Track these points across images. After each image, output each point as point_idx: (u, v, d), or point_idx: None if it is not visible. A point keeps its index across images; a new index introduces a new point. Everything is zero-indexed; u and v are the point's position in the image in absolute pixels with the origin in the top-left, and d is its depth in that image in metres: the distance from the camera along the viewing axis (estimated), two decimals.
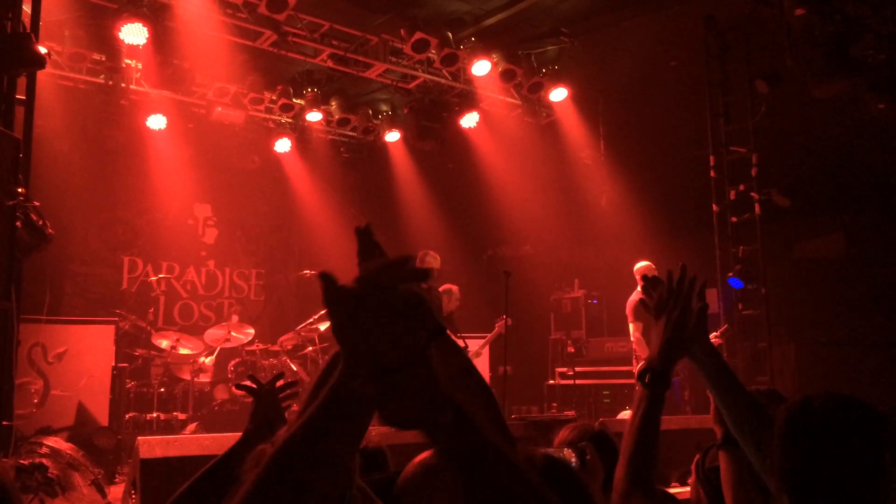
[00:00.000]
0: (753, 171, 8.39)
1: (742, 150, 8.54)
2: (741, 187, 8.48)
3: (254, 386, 2.17)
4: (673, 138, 9.30)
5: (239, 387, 2.16)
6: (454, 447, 0.98)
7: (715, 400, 1.98)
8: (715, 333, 8.00)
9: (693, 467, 2.58)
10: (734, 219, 8.57)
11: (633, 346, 7.82)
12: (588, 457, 2.46)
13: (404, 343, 0.90)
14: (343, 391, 0.92)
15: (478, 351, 8.16)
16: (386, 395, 0.91)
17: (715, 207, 8.68)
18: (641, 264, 7.92)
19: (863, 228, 8.55)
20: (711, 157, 8.73)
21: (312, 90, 10.19)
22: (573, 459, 2.38)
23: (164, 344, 8.49)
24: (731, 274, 8.43)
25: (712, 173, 8.71)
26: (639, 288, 7.95)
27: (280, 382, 2.21)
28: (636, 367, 7.85)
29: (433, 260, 7.88)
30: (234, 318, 9.81)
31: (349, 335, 0.91)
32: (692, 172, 8.99)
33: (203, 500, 1.81)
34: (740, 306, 8.53)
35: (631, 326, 7.78)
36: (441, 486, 1.33)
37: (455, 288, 7.99)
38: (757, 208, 8.35)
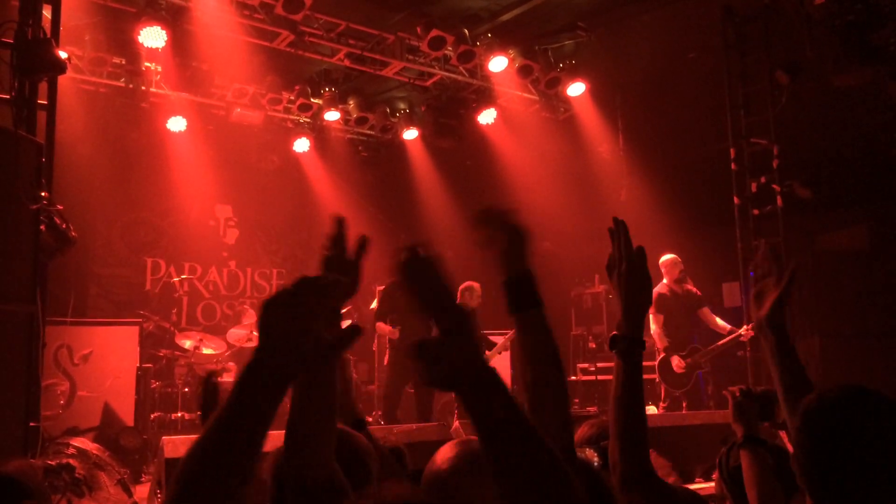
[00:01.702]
0: (775, 163, 8.30)
1: (763, 141, 8.45)
2: (762, 179, 8.39)
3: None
4: (692, 131, 9.22)
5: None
6: (485, 418, 1.05)
7: (775, 379, 1.94)
8: (746, 327, 7.95)
9: (717, 462, 2.57)
10: (756, 211, 8.48)
11: (653, 338, 7.76)
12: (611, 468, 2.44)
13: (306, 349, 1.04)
14: (256, 373, 1.03)
15: (500, 348, 8.14)
16: (430, 358, 1.05)
17: (736, 200, 8.59)
18: (667, 257, 7.86)
19: (886, 220, 8.43)
20: (732, 150, 8.64)
21: (330, 89, 10.23)
22: (595, 459, 2.37)
23: (187, 344, 8.57)
24: (753, 267, 8.36)
25: (733, 166, 8.63)
26: (664, 280, 7.92)
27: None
28: (657, 361, 7.81)
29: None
30: (250, 311, 9.89)
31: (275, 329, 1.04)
32: (712, 165, 8.91)
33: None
34: None
35: (651, 318, 7.72)
36: (478, 481, 1.35)
37: (476, 285, 7.98)
38: (779, 200, 8.26)
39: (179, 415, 8.15)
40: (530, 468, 1.04)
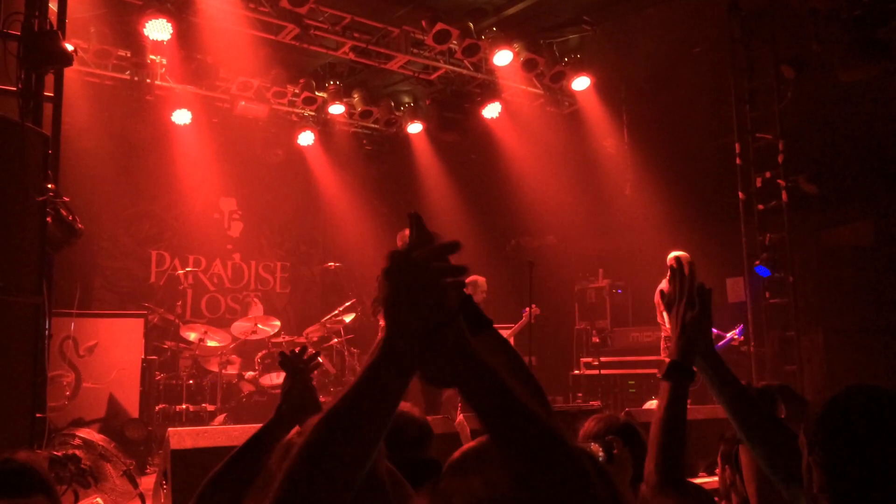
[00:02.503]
0: (780, 158, 8.28)
1: (768, 136, 8.43)
2: (767, 174, 8.37)
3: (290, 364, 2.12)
4: (697, 125, 9.20)
5: (283, 362, 2.11)
6: (485, 406, 1.08)
7: (721, 404, 1.96)
8: (734, 332, 7.95)
9: (719, 458, 2.57)
10: (761, 206, 8.47)
11: (665, 333, 7.75)
12: (615, 451, 2.45)
13: (438, 308, 1.06)
14: (389, 351, 1.06)
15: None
16: (425, 355, 1.06)
17: (741, 195, 8.58)
18: (672, 254, 7.86)
19: (891, 215, 8.41)
20: (737, 144, 8.62)
21: (335, 83, 10.23)
22: (600, 454, 2.38)
23: (192, 336, 8.60)
24: (757, 262, 8.35)
25: (738, 160, 8.61)
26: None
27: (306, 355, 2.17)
28: (665, 354, 7.81)
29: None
30: (257, 303, 9.92)
31: (397, 301, 1.07)
32: (717, 160, 8.89)
33: (234, 485, 1.83)
34: (767, 295, 8.44)
35: (665, 315, 7.72)
36: (487, 461, 1.35)
37: (481, 279, 7.98)
38: (784, 195, 8.24)
39: (184, 406, 8.19)
40: (538, 451, 1.06)
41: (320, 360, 2.28)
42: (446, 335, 1.07)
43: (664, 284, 7.52)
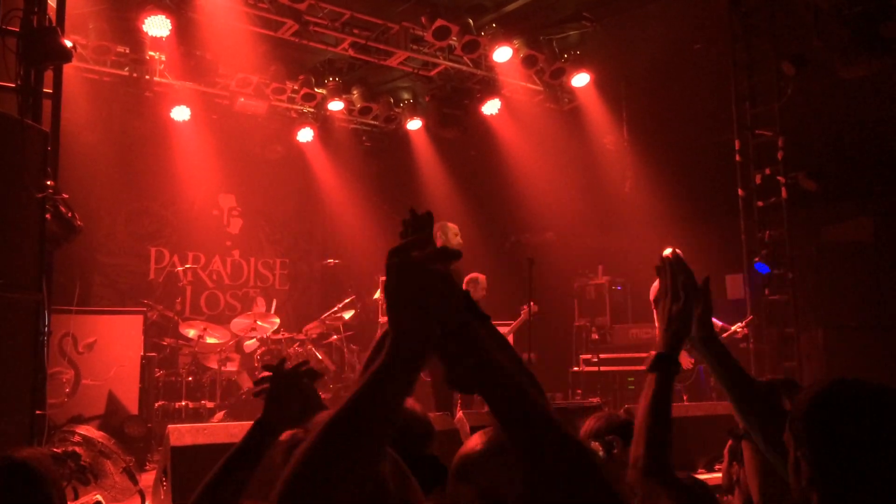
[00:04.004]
0: (780, 155, 8.27)
1: (768, 133, 8.42)
2: (767, 171, 8.37)
3: (268, 374, 2.05)
4: (697, 122, 9.19)
5: (257, 382, 2.05)
6: (507, 411, 1.10)
7: (725, 391, 1.99)
8: (740, 324, 7.94)
9: (726, 452, 2.57)
10: (760, 203, 8.46)
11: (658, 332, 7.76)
12: (615, 450, 2.45)
13: (445, 312, 1.08)
14: (395, 354, 1.06)
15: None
16: (451, 360, 1.10)
17: (741, 192, 8.57)
18: (667, 251, 7.85)
19: (891, 212, 8.40)
20: (737, 141, 8.62)
21: (334, 79, 10.21)
22: (600, 452, 2.38)
23: (191, 333, 8.60)
24: (757, 259, 8.34)
25: (738, 157, 8.60)
26: None
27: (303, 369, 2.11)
28: None
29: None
30: (260, 300, 9.91)
31: (401, 303, 1.08)
32: (717, 156, 8.89)
33: (229, 490, 1.82)
34: (767, 291, 8.44)
35: (656, 312, 7.71)
36: (507, 462, 1.36)
37: (482, 277, 7.97)
38: (783, 192, 8.24)
39: (183, 403, 8.18)
40: (555, 457, 1.08)
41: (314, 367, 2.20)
42: (466, 341, 1.10)
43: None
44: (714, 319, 6.81)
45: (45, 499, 2.06)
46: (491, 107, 10.28)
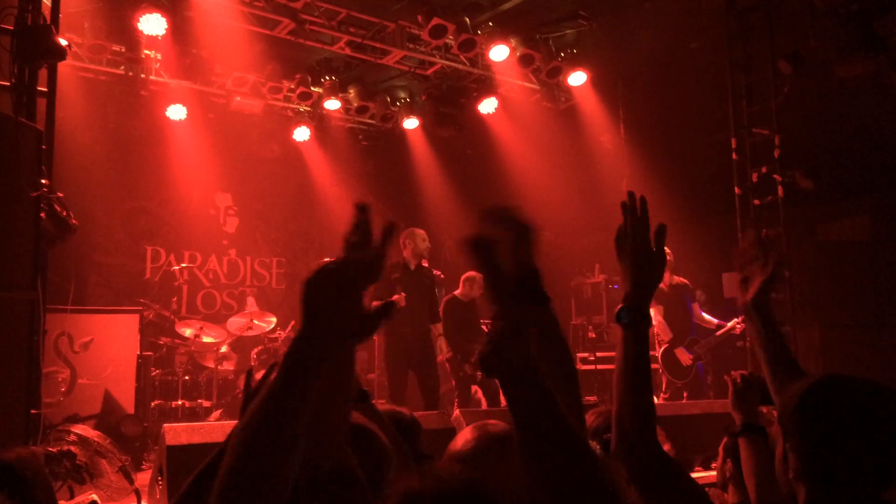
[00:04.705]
0: (776, 153, 8.27)
1: (765, 131, 8.42)
2: (764, 169, 8.36)
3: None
4: (694, 121, 9.19)
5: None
6: (524, 409, 1.12)
7: (762, 360, 2.00)
8: (737, 320, 7.94)
9: (721, 449, 2.57)
10: (757, 202, 8.46)
11: (656, 329, 7.78)
12: (613, 437, 2.44)
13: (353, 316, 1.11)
14: (302, 350, 1.10)
15: None
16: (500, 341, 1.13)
17: (737, 190, 8.57)
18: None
19: (888, 210, 8.42)
20: (733, 140, 8.61)
21: (330, 78, 10.19)
22: (597, 451, 2.37)
23: (187, 332, 8.58)
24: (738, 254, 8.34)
25: (734, 156, 8.60)
26: None
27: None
28: (660, 352, 7.82)
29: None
30: (251, 300, 9.89)
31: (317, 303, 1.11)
32: (714, 155, 8.89)
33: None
34: None
35: (652, 311, 7.72)
36: (501, 459, 1.35)
37: (479, 276, 7.96)
38: (780, 191, 8.23)
39: (180, 403, 8.17)
40: (565, 461, 1.10)
41: None
42: (515, 340, 1.13)
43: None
44: (710, 317, 6.84)
45: (31, 501, 2.05)
46: (487, 105, 10.27)
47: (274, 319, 9.03)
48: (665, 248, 1.79)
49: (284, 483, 1.05)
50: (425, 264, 7.68)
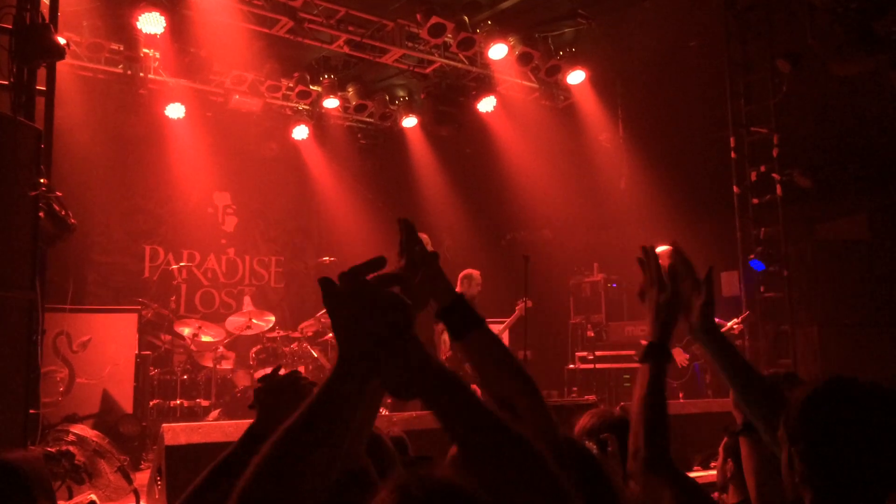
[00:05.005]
0: (775, 152, 8.28)
1: (763, 130, 8.43)
2: (762, 168, 8.38)
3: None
4: (693, 119, 9.20)
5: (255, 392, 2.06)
6: (448, 416, 1.13)
7: (727, 382, 2.01)
8: (736, 320, 7.95)
9: (721, 449, 2.57)
10: (755, 200, 8.48)
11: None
12: (610, 448, 2.44)
13: (388, 324, 1.11)
14: (341, 375, 1.11)
15: (498, 335, 8.14)
16: (385, 367, 1.11)
17: (736, 189, 8.58)
18: (661, 248, 7.85)
19: (886, 208, 8.43)
20: (732, 138, 8.63)
21: (329, 77, 10.18)
22: (594, 451, 2.37)
23: (186, 332, 8.57)
24: (752, 256, 8.35)
25: (733, 154, 8.61)
26: None
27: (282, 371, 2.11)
28: None
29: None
30: (247, 299, 9.88)
31: (345, 324, 1.13)
32: (712, 153, 8.90)
33: (214, 497, 1.80)
34: (762, 288, 8.46)
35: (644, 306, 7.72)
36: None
37: (475, 273, 7.98)
38: (778, 189, 8.25)
39: (178, 402, 8.16)
40: (501, 456, 1.10)
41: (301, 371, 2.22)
42: (403, 348, 1.11)
43: None
44: None
45: (30, 501, 2.05)
46: (486, 104, 10.27)
47: (272, 318, 9.02)
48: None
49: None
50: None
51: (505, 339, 8.66)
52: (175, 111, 9.75)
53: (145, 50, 8.79)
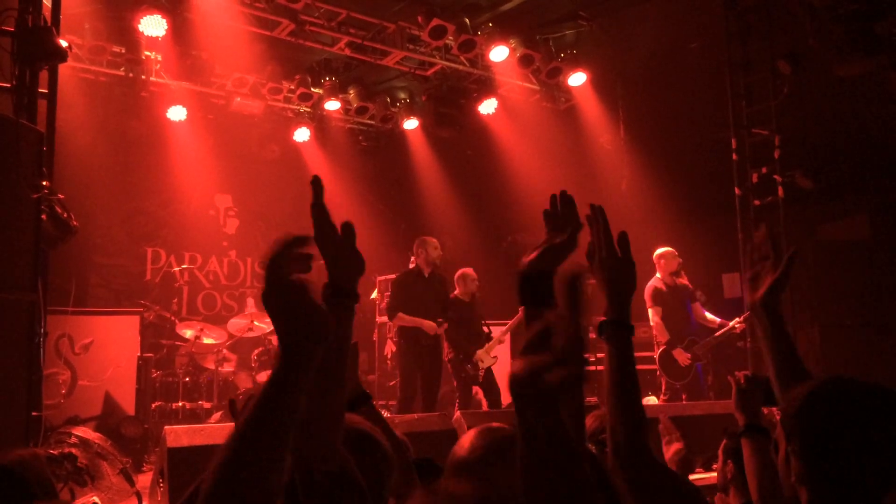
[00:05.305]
0: (776, 153, 8.27)
1: (764, 131, 8.42)
2: (763, 170, 8.37)
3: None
4: (694, 121, 9.19)
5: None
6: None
7: (770, 364, 1.98)
8: (737, 320, 7.93)
9: (721, 452, 2.57)
10: (757, 202, 8.46)
11: (654, 331, 7.78)
12: (608, 450, 2.44)
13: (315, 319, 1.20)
14: (281, 366, 1.15)
15: (500, 338, 8.15)
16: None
17: (737, 190, 8.57)
18: (661, 250, 7.85)
19: (887, 210, 8.42)
20: (733, 140, 8.62)
21: (330, 79, 10.19)
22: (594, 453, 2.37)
23: (188, 334, 8.57)
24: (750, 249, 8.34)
25: (734, 156, 8.60)
26: (658, 274, 7.92)
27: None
28: (657, 353, 7.82)
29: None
30: (249, 301, 9.89)
31: (274, 317, 1.21)
32: (713, 155, 8.89)
33: None
34: None
35: (650, 312, 7.73)
36: (507, 463, 1.36)
37: (469, 270, 7.97)
38: (780, 191, 8.24)
39: (180, 404, 8.16)
40: (563, 484, 1.12)
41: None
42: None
43: (654, 282, 7.50)
44: (713, 316, 6.81)
45: (29, 501, 2.06)
46: (487, 106, 10.28)
47: None
48: (630, 253, 1.79)
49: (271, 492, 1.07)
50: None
51: (507, 341, 8.65)
52: (176, 114, 9.77)
53: (147, 52, 8.81)
